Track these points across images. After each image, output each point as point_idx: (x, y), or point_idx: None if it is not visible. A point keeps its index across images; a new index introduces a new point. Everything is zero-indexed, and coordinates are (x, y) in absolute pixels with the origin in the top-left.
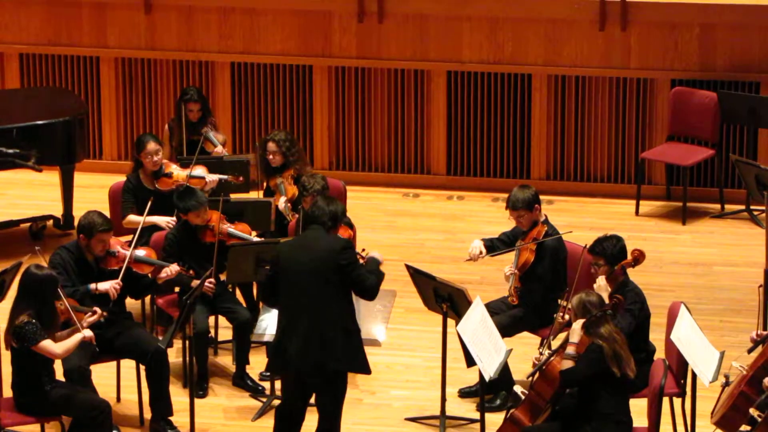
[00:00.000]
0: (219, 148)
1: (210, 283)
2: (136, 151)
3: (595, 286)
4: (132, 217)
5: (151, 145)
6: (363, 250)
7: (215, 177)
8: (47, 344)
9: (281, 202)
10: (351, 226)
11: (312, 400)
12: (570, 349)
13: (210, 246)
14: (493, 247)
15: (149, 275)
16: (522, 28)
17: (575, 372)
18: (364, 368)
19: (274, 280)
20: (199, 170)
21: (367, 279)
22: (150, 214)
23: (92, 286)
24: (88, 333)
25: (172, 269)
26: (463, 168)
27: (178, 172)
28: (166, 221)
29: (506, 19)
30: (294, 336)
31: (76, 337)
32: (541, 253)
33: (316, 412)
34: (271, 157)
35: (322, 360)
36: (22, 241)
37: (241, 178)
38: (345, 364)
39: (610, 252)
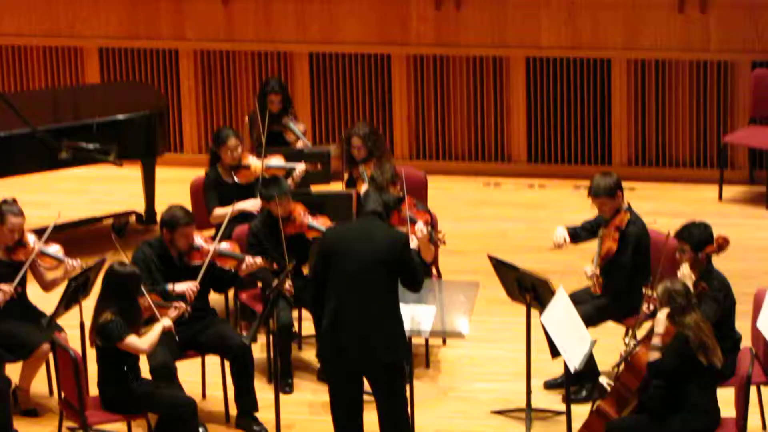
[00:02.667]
0: (301, 141)
1: (289, 284)
2: (214, 144)
3: (678, 273)
4: (219, 211)
5: (232, 141)
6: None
7: (301, 166)
8: (132, 340)
9: (363, 190)
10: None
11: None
12: (656, 340)
13: (291, 239)
14: (576, 235)
15: (232, 269)
16: (600, 12)
17: (662, 364)
18: (409, 356)
19: (326, 275)
20: (276, 160)
21: (420, 272)
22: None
23: (170, 286)
24: (167, 322)
25: (256, 261)
26: (544, 155)
27: (256, 163)
28: (253, 204)
29: (584, 4)
30: (351, 327)
31: (157, 328)
32: (624, 241)
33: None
34: (356, 151)
35: (383, 351)
36: (105, 238)
37: (319, 166)
38: (401, 354)
39: (697, 238)
